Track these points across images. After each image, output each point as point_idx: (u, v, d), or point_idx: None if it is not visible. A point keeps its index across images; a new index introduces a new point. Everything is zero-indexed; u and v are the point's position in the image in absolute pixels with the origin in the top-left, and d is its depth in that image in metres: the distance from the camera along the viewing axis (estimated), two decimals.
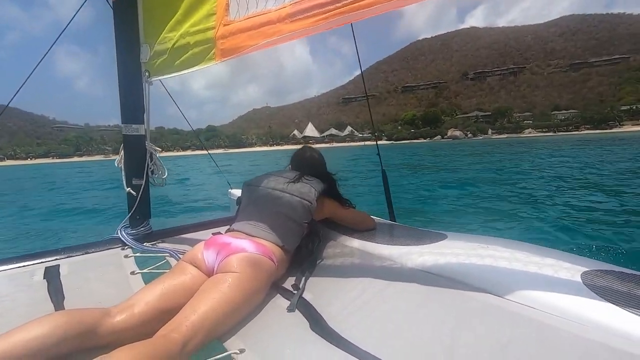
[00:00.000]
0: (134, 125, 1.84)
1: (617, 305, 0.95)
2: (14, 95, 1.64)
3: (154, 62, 1.82)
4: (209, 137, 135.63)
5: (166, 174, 1.97)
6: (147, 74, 1.82)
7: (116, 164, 1.90)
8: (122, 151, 1.88)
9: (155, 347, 0.83)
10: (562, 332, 0.91)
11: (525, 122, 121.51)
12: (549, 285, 1.06)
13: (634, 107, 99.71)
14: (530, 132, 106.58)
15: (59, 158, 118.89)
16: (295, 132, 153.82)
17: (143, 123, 1.86)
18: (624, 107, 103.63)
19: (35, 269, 1.52)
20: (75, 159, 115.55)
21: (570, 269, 1.15)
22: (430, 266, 1.32)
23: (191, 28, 1.72)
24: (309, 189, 1.55)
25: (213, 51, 1.67)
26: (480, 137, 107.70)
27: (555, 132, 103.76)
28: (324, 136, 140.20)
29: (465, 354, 0.87)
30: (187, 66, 1.75)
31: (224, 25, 1.62)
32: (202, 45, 1.69)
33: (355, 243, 1.67)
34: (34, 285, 1.38)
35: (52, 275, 1.44)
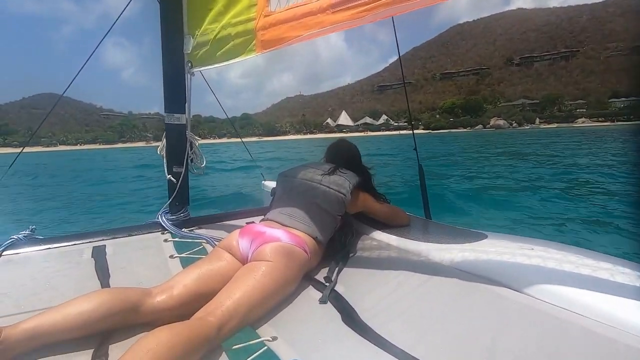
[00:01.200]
0: (175, 115, 1.91)
1: None
2: (68, 87, 1.76)
3: (196, 53, 1.86)
4: (243, 125, 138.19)
5: (204, 162, 2.04)
6: (189, 64, 1.87)
7: (158, 152, 1.98)
8: (164, 139, 1.96)
9: (192, 328, 0.87)
10: (619, 344, 0.83)
11: (578, 110, 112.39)
12: (603, 292, 0.97)
13: None
14: (584, 122, 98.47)
15: (105, 144, 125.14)
16: (329, 120, 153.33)
17: (184, 112, 1.92)
18: None
19: (84, 247, 1.65)
20: (120, 145, 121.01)
21: (628, 275, 1.05)
22: (470, 265, 1.26)
23: (233, 19, 1.73)
24: (343, 182, 1.54)
25: (253, 42, 1.66)
26: (527, 127, 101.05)
27: (613, 121, 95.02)
28: (358, 125, 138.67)
29: (506, 359, 0.82)
30: (228, 57, 1.77)
31: (265, 16, 1.61)
32: (242, 37, 1.70)
33: (390, 238, 1.64)
34: (82, 262, 1.50)
35: (99, 255, 1.56)
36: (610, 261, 1.17)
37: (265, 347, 0.91)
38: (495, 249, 1.34)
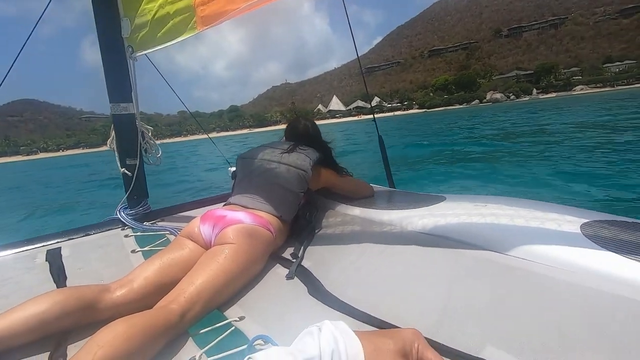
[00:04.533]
0: (122, 104, 1.80)
1: (617, 253, 0.94)
2: (2, 82, 1.64)
3: (135, 36, 1.75)
4: (232, 117, 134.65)
5: (160, 152, 1.95)
6: (130, 49, 1.76)
7: (108, 145, 1.89)
8: (113, 132, 1.86)
9: (152, 317, 0.83)
10: (561, 282, 0.91)
11: (575, 78, 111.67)
12: (548, 238, 1.06)
13: None
14: (582, 89, 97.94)
15: (89, 148, 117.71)
16: (320, 106, 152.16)
17: (132, 101, 1.82)
18: None
19: (37, 252, 1.56)
20: (104, 148, 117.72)
21: (570, 221, 1.14)
22: (430, 228, 1.32)
23: None
24: (303, 159, 1.52)
25: (194, 20, 1.58)
26: (526, 98, 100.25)
27: (613, 86, 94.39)
28: (350, 109, 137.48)
29: (460, 307, 0.87)
30: (169, 38, 1.67)
31: None
32: (182, 14, 1.61)
33: (354, 211, 1.66)
34: (36, 267, 1.41)
35: (54, 257, 1.47)
36: (552, 209, 1.26)
37: (233, 328, 0.91)
38: (451, 211, 1.40)
